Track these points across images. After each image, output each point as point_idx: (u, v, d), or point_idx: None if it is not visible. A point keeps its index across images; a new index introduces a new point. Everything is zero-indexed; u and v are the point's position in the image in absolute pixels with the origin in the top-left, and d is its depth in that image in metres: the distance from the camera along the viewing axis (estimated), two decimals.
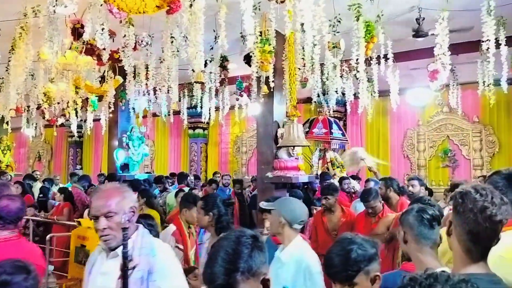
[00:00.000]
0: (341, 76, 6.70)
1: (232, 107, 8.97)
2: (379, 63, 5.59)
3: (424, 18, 5.57)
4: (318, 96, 8.16)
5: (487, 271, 1.53)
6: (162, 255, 2.00)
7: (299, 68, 5.44)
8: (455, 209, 1.57)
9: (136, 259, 1.86)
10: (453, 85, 7.40)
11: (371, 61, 5.44)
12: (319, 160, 8.10)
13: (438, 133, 8.93)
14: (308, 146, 6.05)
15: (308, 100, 8.02)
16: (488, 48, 4.34)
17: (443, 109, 8.72)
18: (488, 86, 5.53)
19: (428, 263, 1.98)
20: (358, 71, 4.66)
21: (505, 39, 4.89)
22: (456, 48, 6.29)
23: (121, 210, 1.94)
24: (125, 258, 1.77)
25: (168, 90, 6.24)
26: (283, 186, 5.91)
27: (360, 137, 9.96)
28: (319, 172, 7.63)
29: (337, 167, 7.81)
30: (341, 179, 6.40)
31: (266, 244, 1.61)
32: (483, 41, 4.38)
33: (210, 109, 8.32)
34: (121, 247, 1.81)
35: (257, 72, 5.20)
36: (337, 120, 8.48)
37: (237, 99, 8.43)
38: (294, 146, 5.78)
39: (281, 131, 5.93)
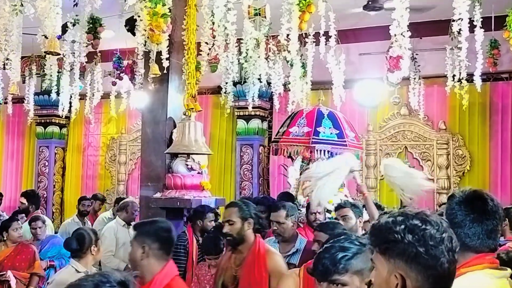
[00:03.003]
0: (266, 58, 6.82)
1: (106, 96, 8.75)
2: (317, 42, 5.76)
3: None
4: (234, 84, 8.20)
5: None
6: None
7: (207, 43, 5.43)
8: (403, 254, 1.57)
9: None
10: (414, 78, 7.84)
11: (306, 39, 5.59)
12: (300, 174, 7.14)
13: (393, 143, 9.35)
14: (210, 154, 5.90)
15: (220, 90, 8.04)
16: (460, 30, 4.63)
17: (401, 110, 9.14)
18: (459, 81, 5.91)
19: None
20: (289, 52, 4.76)
21: (481, 19, 5.27)
22: (418, 29, 6.70)
23: None
24: None
25: (4, 65, 5.92)
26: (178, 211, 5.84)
27: None
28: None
29: None
30: (308, 206, 5.73)
31: None
32: (453, 21, 4.68)
33: (71, 96, 8.08)
34: None
35: (145, 45, 5.11)
36: (336, 113, 7.24)
37: (114, 84, 8.24)
38: (188, 154, 5.69)
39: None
